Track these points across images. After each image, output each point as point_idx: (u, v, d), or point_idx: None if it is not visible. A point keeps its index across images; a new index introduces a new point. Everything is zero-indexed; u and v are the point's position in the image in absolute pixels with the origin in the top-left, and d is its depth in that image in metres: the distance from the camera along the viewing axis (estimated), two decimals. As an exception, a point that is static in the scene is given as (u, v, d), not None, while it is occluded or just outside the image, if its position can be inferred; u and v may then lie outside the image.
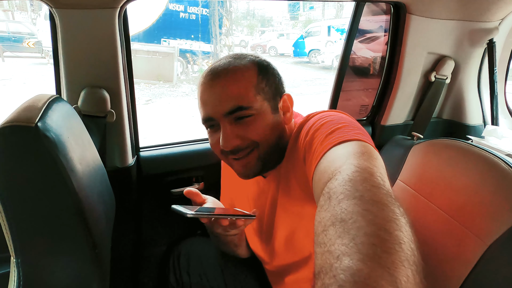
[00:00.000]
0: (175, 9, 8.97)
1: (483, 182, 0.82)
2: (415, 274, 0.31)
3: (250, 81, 0.70)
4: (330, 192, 0.43)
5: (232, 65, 0.71)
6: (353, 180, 0.43)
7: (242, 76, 0.70)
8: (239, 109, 0.68)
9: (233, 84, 0.69)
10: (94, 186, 0.69)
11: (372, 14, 1.47)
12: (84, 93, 0.95)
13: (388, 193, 0.41)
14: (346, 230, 0.35)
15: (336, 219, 0.37)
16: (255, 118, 0.70)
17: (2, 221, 0.53)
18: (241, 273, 0.99)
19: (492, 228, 0.76)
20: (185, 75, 8.85)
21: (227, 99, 0.68)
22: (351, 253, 0.31)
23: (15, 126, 0.51)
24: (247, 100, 0.68)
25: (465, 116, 1.47)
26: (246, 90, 0.69)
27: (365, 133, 0.61)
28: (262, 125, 0.70)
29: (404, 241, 0.33)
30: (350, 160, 0.49)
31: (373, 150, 0.54)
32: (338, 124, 0.62)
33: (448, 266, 0.83)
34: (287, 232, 0.78)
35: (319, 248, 0.36)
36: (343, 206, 0.38)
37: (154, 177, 1.19)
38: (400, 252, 0.32)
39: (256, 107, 0.69)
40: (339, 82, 1.41)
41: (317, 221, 0.40)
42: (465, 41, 1.32)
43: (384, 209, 0.37)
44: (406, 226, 0.36)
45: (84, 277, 0.61)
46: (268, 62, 0.77)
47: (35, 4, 11.39)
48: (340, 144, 0.56)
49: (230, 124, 0.70)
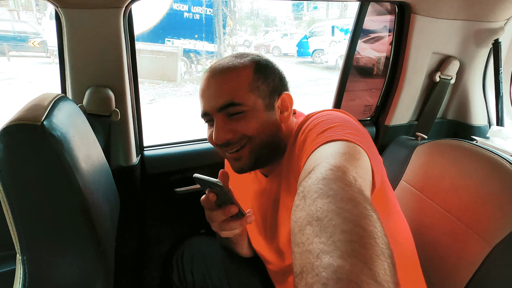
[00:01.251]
0: (179, 9, 8.99)
1: (488, 183, 0.81)
2: (391, 267, 0.32)
3: (245, 79, 0.73)
4: (304, 191, 0.44)
5: (230, 64, 0.74)
6: (326, 178, 0.44)
7: (237, 74, 0.73)
8: (231, 105, 0.71)
9: (228, 81, 0.72)
10: (99, 185, 0.70)
11: (376, 14, 1.47)
12: (89, 92, 0.95)
13: (359, 191, 0.42)
14: (323, 229, 0.35)
15: (312, 218, 0.38)
16: (247, 114, 0.72)
17: (8, 218, 0.54)
18: (244, 272, 0.99)
19: (496, 229, 0.76)
20: (189, 75, 8.87)
21: (221, 95, 0.72)
22: (330, 250, 0.32)
23: (22, 125, 0.52)
24: (239, 97, 0.71)
25: (470, 117, 1.46)
26: (239, 88, 0.72)
27: (360, 133, 0.61)
28: (254, 121, 0.73)
29: (378, 236, 0.34)
30: (328, 159, 0.50)
31: (358, 151, 0.55)
32: (331, 124, 0.62)
33: (452, 267, 0.83)
34: (289, 229, 0.78)
35: (298, 248, 0.36)
36: (318, 204, 0.39)
37: (158, 176, 1.20)
38: (375, 246, 0.33)
39: (249, 104, 0.72)
40: (343, 82, 1.40)
41: (293, 221, 0.41)
42: (470, 41, 1.32)
43: (357, 206, 0.38)
44: (378, 221, 0.37)
45: (89, 275, 0.62)
46: (269, 61, 0.79)
47: (40, 3, 11.48)
48: (327, 143, 0.57)
49: (223, 119, 0.73)
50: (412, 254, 0.79)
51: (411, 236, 0.80)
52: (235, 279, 0.98)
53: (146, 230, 1.25)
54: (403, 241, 0.77)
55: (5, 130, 0.51)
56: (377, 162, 0.61)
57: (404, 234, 0.78)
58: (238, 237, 0.91)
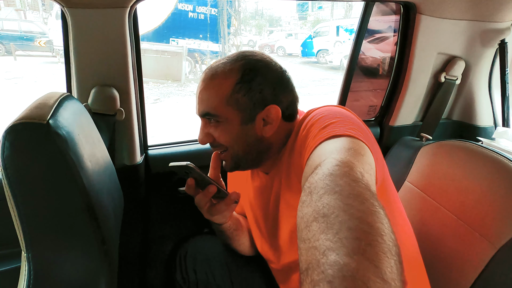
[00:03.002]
0: (184, 9, 9.02)
1: (493, 184, 0.81)
2: (398, 264, 0.32)
3: (224, 90, 0.71)
4: (311, 187, 0.44)
5: (219, 69, 0.72)
6: (333, 174, 0.44)
7: (218, 84, 0.71)
8: (207, 115, 0.73)
9: (208, 90, 0.73)
10: (103, 183, 0.70)
11: (381, 14, 1.46)
12: (94, 92, 0.96)
13: (366, 187, 0.41)
14: (329, 225, 0.35)
15: (318, 214, 0.38)
16: (221, 124, 0.73)
17: (14, 216, 0.54)
18: (247, 271, 0.99)
19: (502, 231, 0.75)
20: (193, 75, 8.89)
21: (201, 102, 0.74)
22: (336, 247, 0.32)
23: (27, 123, 0.52)
24: (215, 108, 0.72)
25: (475, 118, 1.45)
26: (218, 99, 0.71)
27: (361, 129, 0.61)
28: (227, 132, 0.73)
29: (385, 233, 0.34)
30: (333, 154, 0.50)
31: (362, 147, 0.54)
32: (333, 119, 0.62)
33: (457, 269, 0.82)
34: (291, 227, 0.78)
35: (304, 244, 0.36)
36: (325, 201, 0.39)
37: (162, 175, 1.20)
38: (382, 243, 0.33)
39: (224, 116, 0.72)
40: (348, 83, 1.40)
41: (300, 217, 0.41)
42: (476, 41, 1.31)
43: (364, 203, 0.38)
44: (385, 218, 0.36)
45: (93, 272, 0.62)
46: (264, 67, 0.73)
47: (46, 3, 11.57)
48: (330, 139, 0.56)
49: (205, 123, 0.76)
50: (415, 254, 0.79)
51: (414, 236, 0.80)
52: (238, 278, 0.98)
53: (149, 229, 1.25)
54: (405, 240, 0.76)
55: (11, 129, 0.51)
56: (379, 158, 0.61)
57: (406, 234, 0.78)
58: (233, 231, 0.91)
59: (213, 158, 0.82)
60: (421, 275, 0.79)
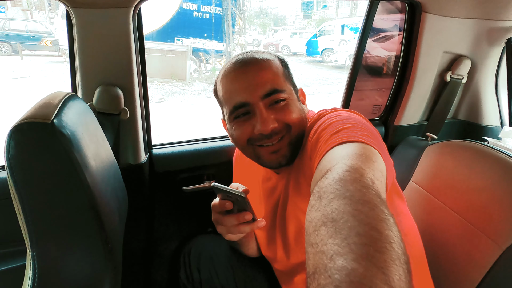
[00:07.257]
0: (188, 8, 9.03)
1: (500, 185, 0.80)
2: (406, 273, 0.31)
3: (279, 67, 0.75)
4: (320, 191, 0.43)
5: (259, 56, 0.75)
6: (344, 179, 0.43)
7: (271, 64, 0.74)
8: (275, 92, 0.71)
9: (266, 70, 0.72)
10: (108, 182, 0.71)
11: (386, 13, 1.45)
12: (99, 91, 0.96)
13: (377, 194, 0.41)
14: (338, 230, 0.35)
15: (327, 219, 0.37)
16: (287, 102, 0.73)
17: (19, 214, 0.55)
18: (251, 271, 0.99)
19: (507, 232, 0.74)
20: (198, 74, 8.90)
21: (263, 83, 0.71)
22: (345, 253, 0.32)
23: (32, 123, 0.53)
24: (281, 84, 0.72)
25: (481, 117, 1.43)
26: (277, 76, 0.73)
27: (373, 135, 0.60)
28: (294, 109, 0.73)
29: (394, 240, 0.34)
30: (345, 160, 0.49)
31: (374, 153, 0.54)
32: (345, 124, 0.62)
33: (462, 270, 0.82)
34: (297, 229, 0.78)
35: (311, 248, 0.36)
36: (334, 206, 0.39)
37: (166, 174, 1.21)
38: (391, 251, 0.32)
39: (288, 91, 0.74)
40: (352, 82, 1.39)
41: (308, 221, 0.40)
42: (483, 40, 1.29)
43: (374, 209, 0.37)
44: (395, 225, 0.36)
45: (97, 271, 0.63)
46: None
47: (52, 3, 11.65)
48: (342, 144, 0.56)
49: (266, 108, 0.71)
50: (420, 255, 0.78)
51: (420, 237, 0.79)
52: (241, 278, 0.98)
53: (154, 228, 1.26)
54: (411, 242, 0.76)
55: (16, 128, 0.52)
56: (389, 164, 0.60)
57: (412, 235, 0.77)
58: (243, 239, 0.91)
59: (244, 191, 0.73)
60: (425, 275, 0.78)
